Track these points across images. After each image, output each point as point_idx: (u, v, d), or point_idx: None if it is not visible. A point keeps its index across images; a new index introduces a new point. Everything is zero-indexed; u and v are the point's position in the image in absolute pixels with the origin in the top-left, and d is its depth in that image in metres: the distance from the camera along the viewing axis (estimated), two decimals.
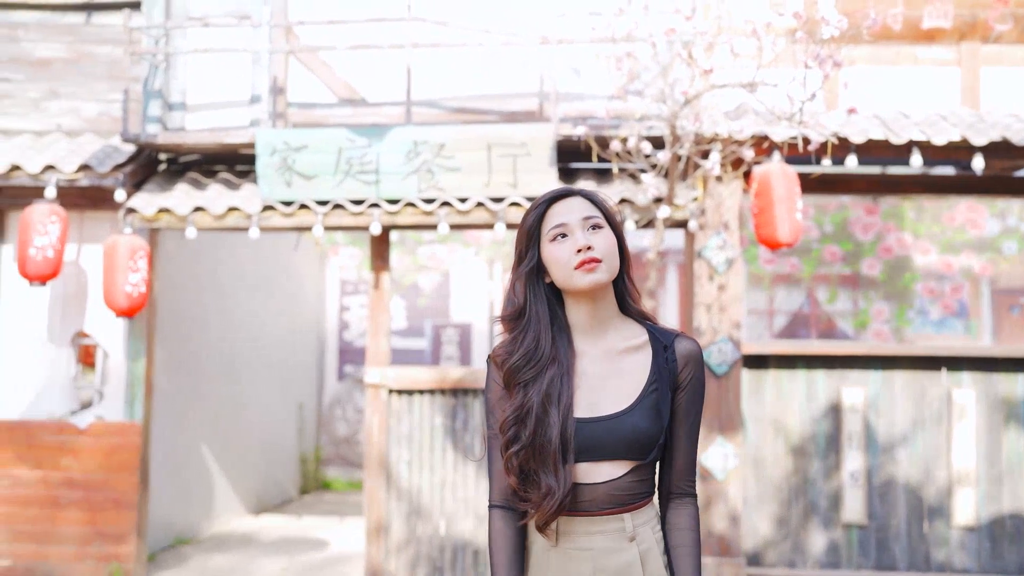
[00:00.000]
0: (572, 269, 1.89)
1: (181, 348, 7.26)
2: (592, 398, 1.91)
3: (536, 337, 1.92)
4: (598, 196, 1.98)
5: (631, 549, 1.89)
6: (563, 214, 1.93)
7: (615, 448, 1.88)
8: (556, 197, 1.96)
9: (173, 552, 6.99)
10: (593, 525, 1.89)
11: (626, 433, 1.88)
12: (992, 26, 5.94)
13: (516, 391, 1.91)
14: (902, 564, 5.73)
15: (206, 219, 5.84)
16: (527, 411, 1.88)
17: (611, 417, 1.89)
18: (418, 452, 5.94)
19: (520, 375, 1.91)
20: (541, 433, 1.85)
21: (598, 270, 1.89)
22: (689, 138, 5.03)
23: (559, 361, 1.91)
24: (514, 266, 1.99)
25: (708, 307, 5.69)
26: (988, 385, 5.82)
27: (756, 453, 5.86)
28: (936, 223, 10.16)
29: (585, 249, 1.89)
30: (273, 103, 6.07)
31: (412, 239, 10.79)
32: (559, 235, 1.92)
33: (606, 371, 1.93)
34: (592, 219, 1.92)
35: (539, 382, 1.89)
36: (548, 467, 1.85)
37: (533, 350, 1.91)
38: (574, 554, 1.89)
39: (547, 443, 1.85)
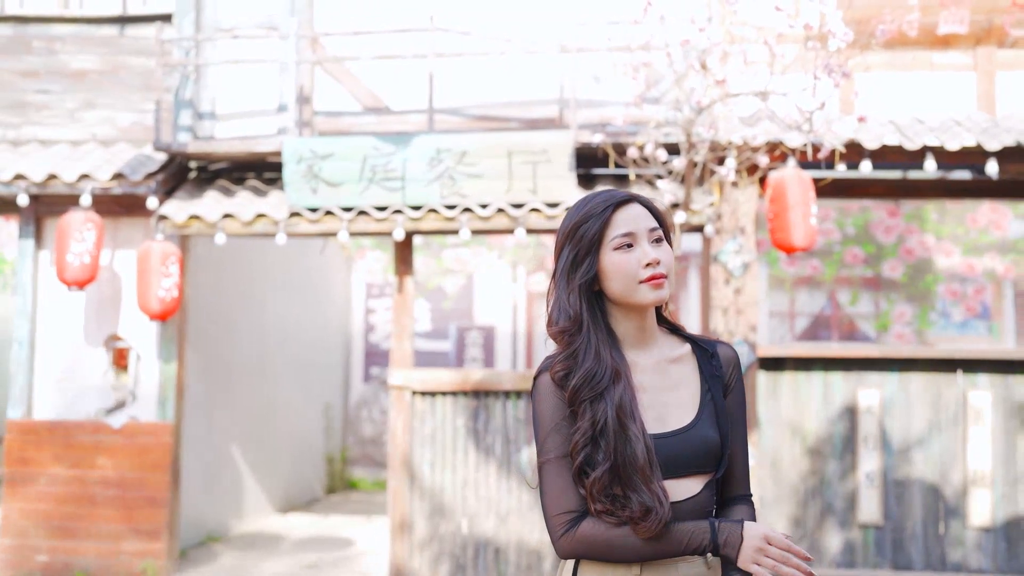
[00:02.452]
0: (638, 283, 1.80)
1: (212, 351, 7.46)
2: (656, 412, 1.82)
3: (596, 351, 1.81)
4: (657, 206, 1.89)
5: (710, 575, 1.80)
6: (629, 222, 1.83)
7: (691, 462, 1.80)
8: (620, 202, 1.84)
9: (204, 549, 7.18)
10: (678, 564, 1.78)
11: (698, 445, 1.81)
12: (1008, 31, 5.99)
13: (582, 411, 1.78)
14: (918, 564, 5.80)
15: (235, 225, 6.02)
16: (601, 429, 1.76)
17: (683, 430, 1.81)
18: (441, 452, 6.08)
19: (585, 392, 1.78)
20: (623, 451, 1.74)
21: (664, 287, 1.81)
22: (705, 145, 5.14)
23: (624, 375, 1.80)
24: (564, 272, 1.85)
25: (724, 310, 5.79)
26: (1005, 387, 5.87)
27: (773, 454, 5.94)
28: (959, 225, 10.16)
29: (655, 263, 1.80)
30: (300, 112, 6.24)
31: (437, 243, 10.96)
32: (625, 244, 1.81)
33: (660, 383, 1.86)
34: (656, 231, 1.84)
35: (608, 398, 1.77)
36: (638, 486, 1.73)
37: (596, 365, 1.80)
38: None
39: (632, 460, 1.73)
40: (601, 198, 1.85)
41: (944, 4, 6.03)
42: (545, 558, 5.96)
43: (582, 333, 1.83)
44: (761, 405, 5.91)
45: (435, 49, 5.88)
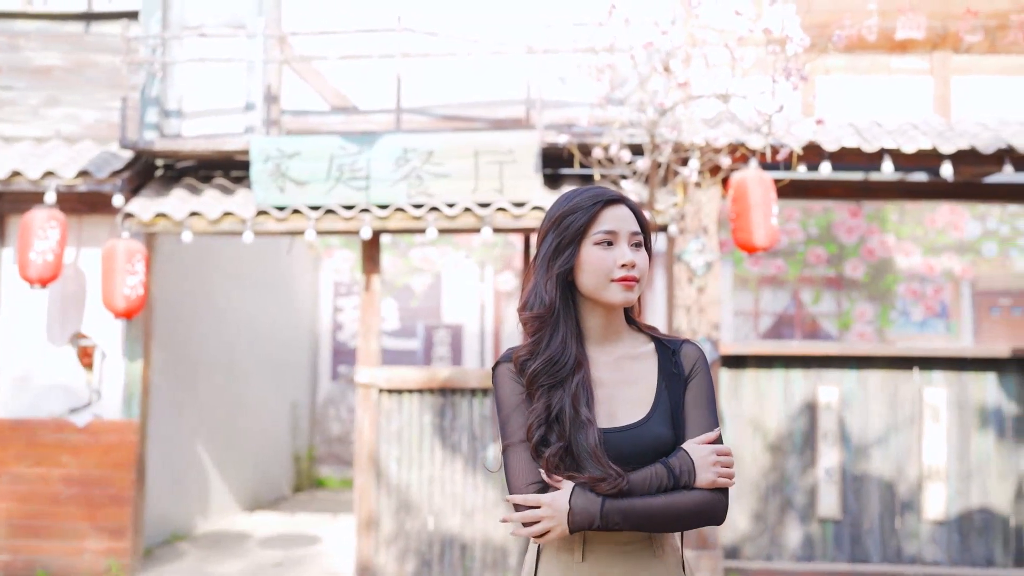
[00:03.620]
0: (610, 280, 1.85)
1: (178, 349, 7.44)
2: (608, 408, 1.86)
3: (563, 340, 1.86)
4: (641, 211, 1.93)
5: (658, 566, 1.85)
6: (614, 221, 1.87)
7: (640, 458, 1.81)
8: (610, 200, 1.88)
9: (169, 548, 7.16)
10: (620, 543, 1.83)
11: (649, 442, 1.82)
12: (963, 37, 6.14)
13: (539, 395, 1.83)
14: (875, 557, 5.93)
15: (201, 224, 6.02)
16: (556, 415, 1.81)
17: (633, 426, 1.84)
18: (407, 450, 6.12)
19: (544, 378, 1.84)
20: (575, 437, 1.79)
21: (634, 290, 1.86)
22: (668, 146, 5.22)
23: (584, 368, 1.86)
24: (545, 259, 1.89)
25: (687, 309, 5.88)
26: (959, 384, 6.01)
27: (735, 451, 6.04)
28: (918, 226, 10.37)
29: (630, 266, 1.85)
30: (267, 111, 6.25)
31: (405, 242, 10.98)
32: (607, 241, 1.86)
33: (615, 379, 1.89)
34: (638, 236, 1.89)
35: (566, 386, 1.83)
36: (590, 466, 1.78)
37: (560, 353, 1.85)
38: (600, 571, 1.83)
39: (583, 445, 1.79)
40: (592, 193, 1.90)
41: (902, 10, 6.17)
42: (511, 554, 6.02)
43: (552, 321, 1.87)
44: (723, 402, 6.01)
45: (402, 49, 5.91)
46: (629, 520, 1.76)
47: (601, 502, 1.76)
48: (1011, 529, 5.90)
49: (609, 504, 1.76)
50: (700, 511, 1.79)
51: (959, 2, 6.15)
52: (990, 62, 6.27)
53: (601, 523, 1.76)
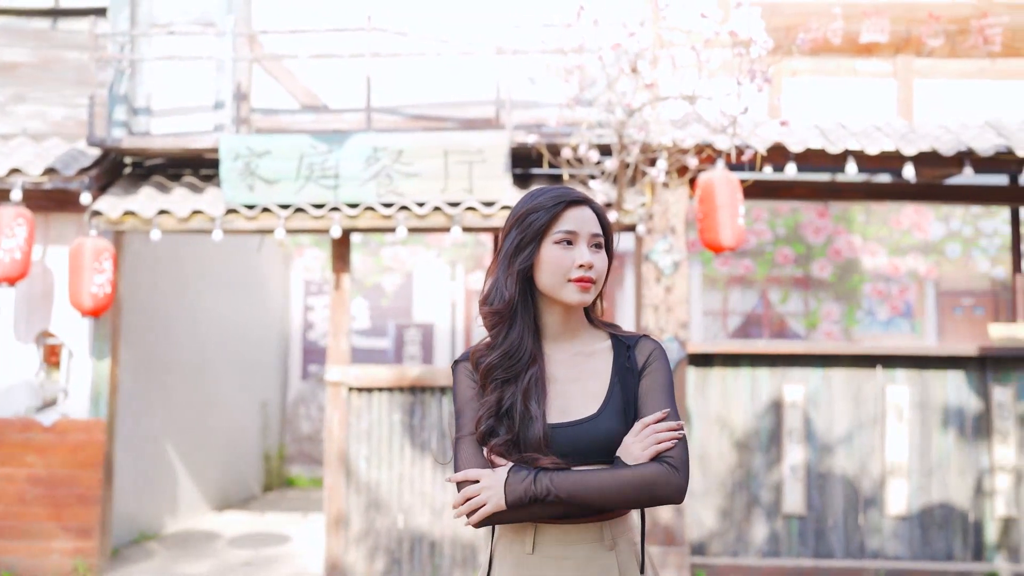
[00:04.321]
0: (567, 280, 1.88)
1: (146, 347, 7.40)
2: (561, 403, 1.88)
3: (520, 335, 1.90)
4: (604, 213, 1.96)
5: (610, 558, 1.86)
6: (575, 221, 1.90)
7: (590, 452, 1.84)
8: (573, 200, 1.91)
9: (137, 548, 7.13)
10: (570, 533, 1.85)
11: (598, 436, 1.84)
12: (925, 41, 6.25)
13: (492, 388, 1.88)
14: (838, 552, 6.02)
15: (170, 222, 6.00)
16: (507, 409, 1.85)
17: (584, 421, 1.86)
18: (377, 448, 6.14)
19: (499, 372, 1.88)
20: (524, 430, 1.83)
21: (590, 291, 1.89)
22: (636, 146, 5.28)
23: (538, 362, 1.89)
24: (507, 256, 1.92)
25: (655, 308, 5.94)
26: (921, 382, 6.12)
27: (702, 448, 6.12)
28: (884, 226, 10.53)
29: (587, 267, 1.88)
30: (237, 109, 6.24)
31: (376, 241, 10.98)
32: (566, 241, 1.89)
33: (571, 375, 1.91)
34: (598, 238, 1.91)
35: (519, 381, 1.87)
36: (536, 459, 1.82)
37: (516, 348, 1.89)
38: (551, 563, 1.85)
39: (529, 440, 1.83)
40: (556, 192, 1.92)
41: (866, 14, 6.28)
42: (480, 551, 6.06)
43: (510, 316, 1.91)
44: (691, 400, 6.08)
45: (372, 49, 5.93)
46: (563, 490, 1.77)
47: (536, 472, 1.79)
48: (970, 524, 6.02)
49: (543, 475, 1.78)
50: (641, 484, 1.79)
51: (921, 7, 6.27)
52: (951, 66, 6.39)
53: (536, 492, 1.77)
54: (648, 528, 5.81)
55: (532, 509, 1.80)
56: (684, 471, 1.84)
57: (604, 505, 1.81)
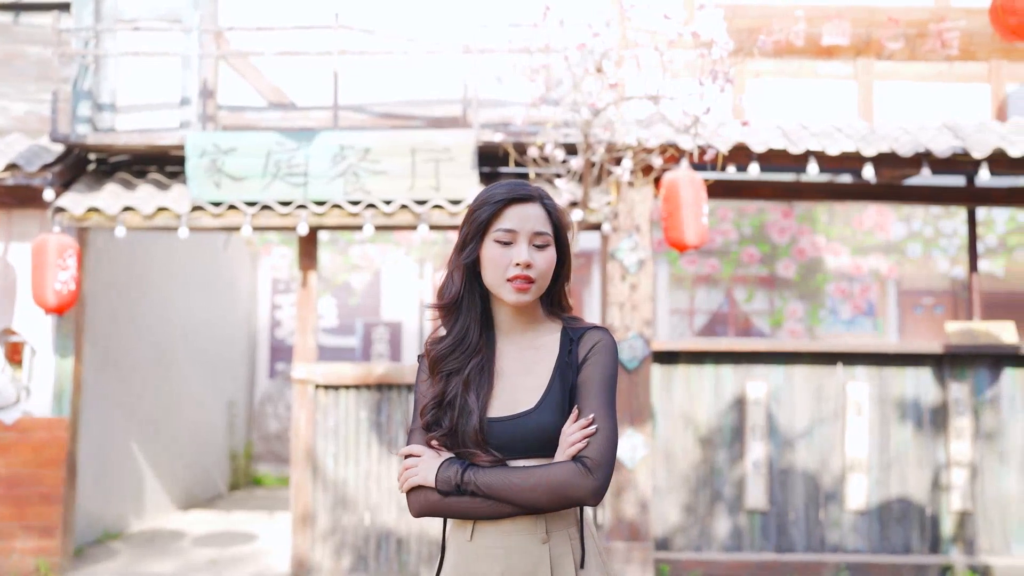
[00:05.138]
0: (504, 280, 1.88)
1: (111, 345, 7.35)
2: (507, 397, 1.91)
3: (466, 328, 1.93)
4: (555, 208, 1.95)
5: (542, 551, 1.86)
6: (515, 220, 1.90)
7: (526, 445, 1.86)
8: (516, 199, 1.91)
9: (101, 547, 7.08)
10: (506, 525, 1.87)
11: (533, 429, 1.86)
12: (885, 44, 6.37)
13: (440, 379, 1.92)
14: (800, 546, 6.12)
15: (135, 219, 5.97)
16: (450, 400, 1.90)
17: (520, 415, 1.88)
18: (344, 445, 6.15)
19: (445, 364, 1.92)
20: (461, 422, 1.87)
21: (529, 292, 1.89)
22: (601, 146, 5.33)
23: (484, 355, 1.92)
24: (456, 250, 1.95)
25: (621, 305, 6.01)
26: (880, 379, 6.24)
27: (666, 445, 6.19)
28: (847, 226, 10.69)
29: (524, 266, 1.87)
30: (203, 106, 6.22)
31: (344, 239, 10.97)
32: (504, 240, 1.89)
33: (519, 369, 1.93)
34: (541, 235, 1.90)
35: (463, 372, 1.90)
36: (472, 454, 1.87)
37: (461, 340, 1.92)
38: (486, 551, 1.88)
39: (465, 434, 1.87)
40: (504, 189, 1.93)
41: (828, 17, 6.38)
42: None
43: (457, 310, 1.94)
44: (655, 397, 6.15)
45: (339, 47, 5.94)
46: (484, 484, 1.82)
47: (467, 465, 1.85)
48: (927, 517, 6.14)
49: (472, 469, 1.84)
50: (554, 485, 1.80)
51: (881, 11, 6.39)
52: (910, 69, 6.52)
53: (459, 482, 1.83)
54: (612, 524, 5.88)
55: (463, 504, 1.85)
56: (600, 472, 1.81)
57: (523, 503, 1.82)
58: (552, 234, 1.92)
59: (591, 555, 1.92)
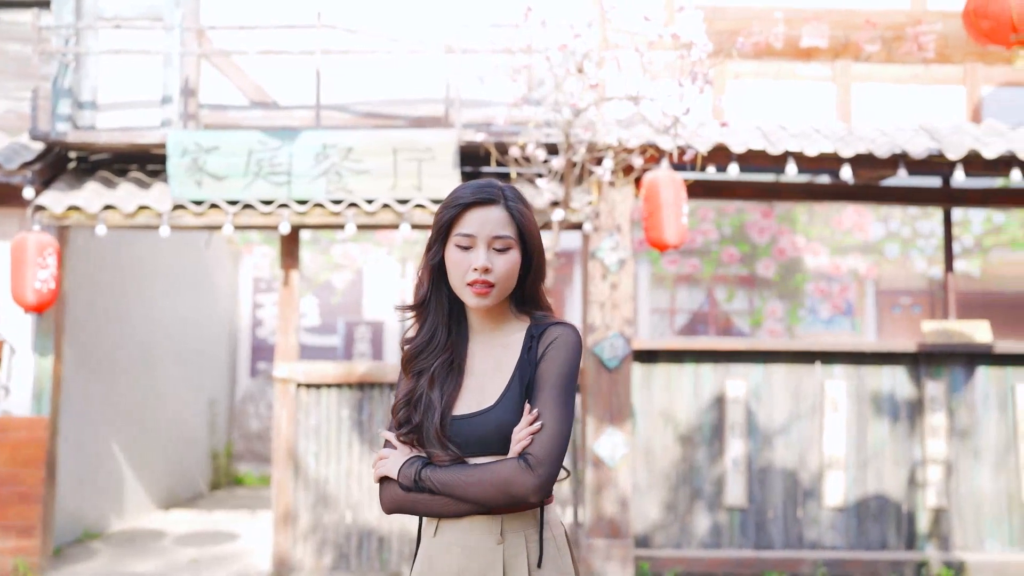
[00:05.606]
0: (464, 284, 1.90)
1: (91, 344, 7.32)
2: (474, 395, 1.93)
3: (434, 328, 1.95)
4: (520, 211, 1.93)
5: (496, 551, 1.87)
6: (474, 224, 1.90)
7: (486, 443, 1.87)
8: (476, 202, 1.91)
9: (80, 547, 7.05)
10: (466, 523, 1.89)
11: (490, 428, 1.87)
12: (862, 47, 6.44)
13: (410, 379, 1.96)
14: (778, 543, 6.18)
15: (116, 217, 5.96)
16: (417, 398, 1.93)
17: (480, 413, 1.90)
18: (325, 444, 6.16)
19: (415, 363, 1.96)
20: (427, 420, 1.90)
21: (489, 296, 1.89)
22: (583, 146, 5.37)
23: (453, 353, 1.94)
24: (425, 251, 1.98)
25: (601, 304, 6.05)
26: (858, 377, 6.31)
27: (646, 443, 6.24)
28: (826, 227, 10.79)
29: (482, 271, 1.88)
30: (184, 104, 6.21)
31: (326, 238, 10.96)
32: (463, 245, 1.90)
33: (487, 368, 1.95)
34: (501, 239, 1.89)
35: (430, 371, 1.94)
36: (433, 448, 1.90)
37: (429, 340, 1.95)
38: (446, 549, 1.91)
39: (429, 430, 1.90)
40: (466, 192, 1.93)
41: (806, 19, 6.45)
42: None
43: (425, 310, 1.98)
44: (636, 396, 6.20)
45: (322, 46, 5.94)
46: (437, 480, 1.86)
47: (426, 461, 1.89)
48: (903, 514, 6.22)
49: (428, 467, 1.88)
50: (497, 481, 1.81)
51: (859, 14, 6.47)
52: (887, 71, 6.59)
53: (417, 478, 1.87)
54: (593, 522, 5.92)
55: (423, 500, 1.88)
56: (544, 468, 1.81)
57: (473, 500, 1.84)
58: (516, 236, 1.91)
59: (551, 558, 1.91)
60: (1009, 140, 5.95)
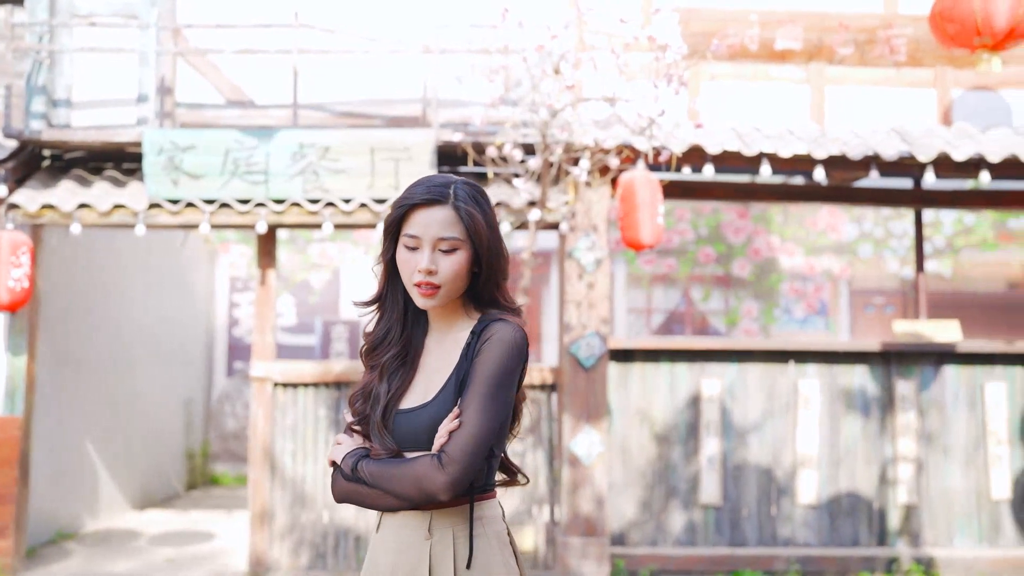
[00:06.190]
0: (412, 284, 1.91)
1: (66, 343, 7.27)
2: (420, 390, 1.94)
3: (389, 324, 1.98)
4: (467, 210, 1.90)
5: (424, 548, 1.88)
6: (419, 226, 1.89)
7: (419, 439, 1.88)
8: (422, 203, 1.89)
9: (54, 547, 7.00)
10: (400, 518, 1.91)
11: (425, 423, 1.88)
12: (836, 50, 6.52)
13: (369, 371, 1.99)
14: (752, 540, 6.25)
15: (91, 216, 5.93)
16: (369, 391, 1.97)
17: (415, 409, 1.91)
18: (302, 443, 6.16)
19: (370, 358, 1.99)
20: (372, 413, 1.94)
21: (435, 297, 1.90)
22: (559, 146, 5.40)
23: (405, 350, 1.97)
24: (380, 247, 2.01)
25: (578, 304, 6.09)
26: (831, 376, 6.39)
27: (622, 441, 6.29)
28: (800, 227, 10.89)
29: (426, 273, 1.88)
30: (161, 103, 6.19)
31: (303, 238, 10.94)
32: (410, 246, 1.90)
33: (437, 364, 1.96)
34: (447, 241, 1.88)
35: (384, 365, 1.96)
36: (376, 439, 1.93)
37: (384, 335, 1.98)
38: (383, 544, 1.94)
39: (373, 424, 1.93)
40: (417, 190, 1.92)
41: (781, 22, 6.52)
42: None
43: (381, 307, 2.01)
44: (612, 395, 6.24)
45: (299, 45, 5.94)
46: (367, 473, 1.87)
47: (364, 453, 1.92)
48: (875, 511, 6.30)
49: (365, 459, 1.90)
50: (412, 477, 1.83)
51: (832, 17, 6.54)
52: (860, 74, 6.68)
53: (353, 468, 1.89)
54: (569, 520, 5.96)
55: (360, 491, 1.90)
56: (454, 467, 1.80)
57: (395, 494, 1.85)
58: (464, 236, 1.90)
59: (481, 558, 1.90)
60: (978, 143, 6.05)
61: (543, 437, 6.26)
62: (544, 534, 6.20)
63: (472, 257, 1.91)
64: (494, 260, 1.93)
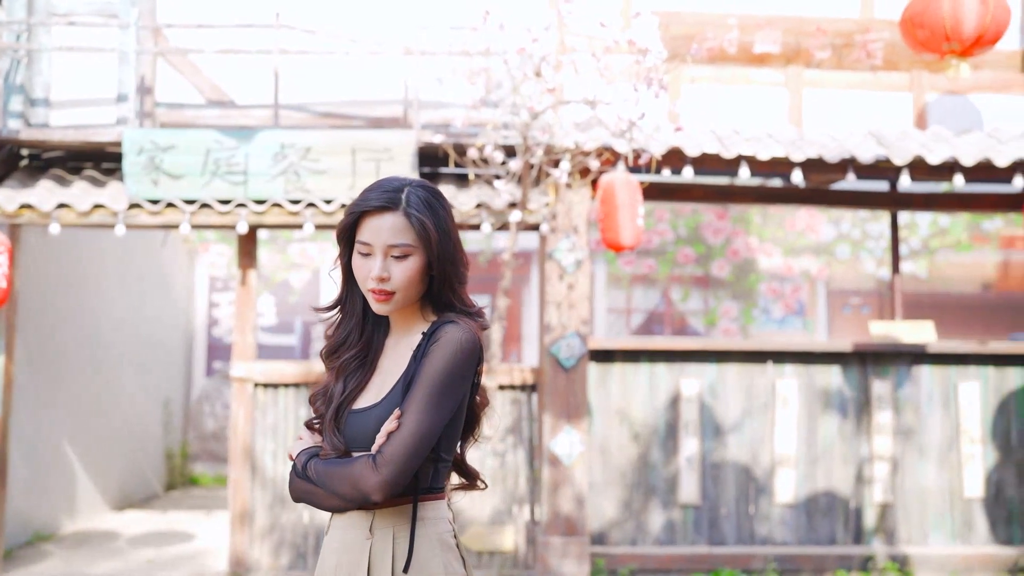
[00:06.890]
0: (367, 290, 1.93)
1: (44, 343, 7.23)
2: (374, 392, 1.96)
3: (348, 328, 2.00)
4: (418, 217, 1.90)
5: (364, 548, 1.90)
6: (370, 233, 1.90)
7: (367, 439, 1.89)
8: (372, 209, 1.90)
9: (31, 549, 6.97)
10: (346, 518, 1.93)
11: (371, 425, 1.89)
12: (814, 53, 6.60)
13: (330, 371, 2.02)
14: (731, 539, 6.31)
15: (70, 216, 5.90)
16: (327, 392, 2.00)
17: (363, 410, 1.93)
18: (283, 443, 6.16)
19: (330, 361, 2.02)
20: (328, 413, 1.96)
21: (389, 303, 1.92)
22: (540, 148, 5.44)
23: (365, 351, 1.99)
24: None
25: (558, 305, 6.12)
26: (808, 376, 6.46)
27: (602, 441, 6.33)
28: (779, 228, 10.98)
29: (378, 280, 1.90)
30: (141, 102, 6.17)
31: (283, 238, 10.92)
32: (363, 252, 1.92)
33: (392, 367, 1.97)
34: (398, 247, 1.89)
35: (341, 366, 1.99)
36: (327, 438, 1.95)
37: (343, 340, 2.00)
38: (330, 544, 1.96)
39: (326, 423, 1.95)
40: (370, 195, 1.92)
41: (759, 26, 6.59)
42: None
43: (340, 311, 2.03)
44: (592, 395, 6.28)
45: (280, 46, 5.94)
46: (313, 471, 1.90)
47: (311, 454, 1.95)
48: (851, 510, 6.38)
49: (312, 460, 1.92)
50: (348, 477, 1.85)
51: (810, 21, 6.62)
52: (838, 77, 6.75)
53: (304, 466, 1.92)
54: (549, 519, 6.00)
55: (309, 489, 1.92)
56: (388, 468, 1.82)
57: (337, 494, 1.87)
58: (417, 242, 1.90)
59: (421, 560, 1.91)
60: (953, 146, 6.13)
61: (523, 437, 6.29)
62: (524, 534, 6.24)
63: (426, 262, 1.92)
64: (447, 265, 1.93)
